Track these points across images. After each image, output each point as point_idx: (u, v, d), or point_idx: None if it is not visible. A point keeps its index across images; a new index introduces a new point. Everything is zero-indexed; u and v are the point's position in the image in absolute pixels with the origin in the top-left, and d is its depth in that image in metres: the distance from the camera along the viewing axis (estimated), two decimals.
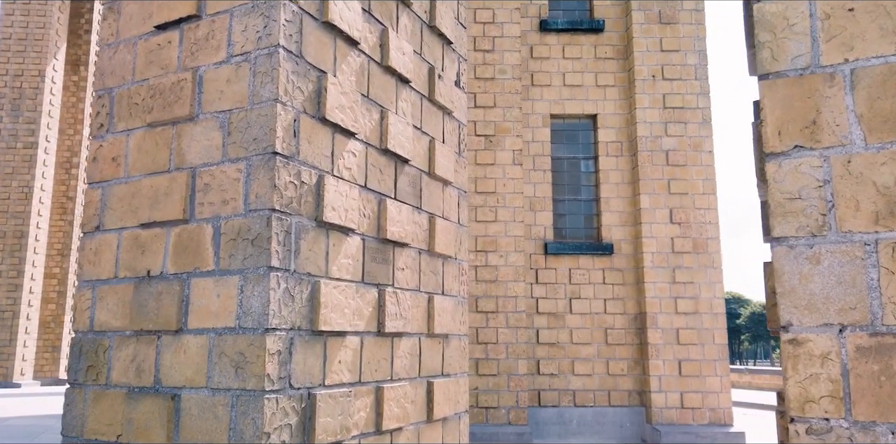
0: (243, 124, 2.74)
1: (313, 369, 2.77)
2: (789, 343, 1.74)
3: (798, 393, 1.73)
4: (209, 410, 2.58)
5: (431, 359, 3.73)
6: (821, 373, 1.71)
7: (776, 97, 1.84)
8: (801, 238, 1.77)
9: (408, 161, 3.62)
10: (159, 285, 2.80)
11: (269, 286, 2.55)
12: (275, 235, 2.61)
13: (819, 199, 1.77)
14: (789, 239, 1.77)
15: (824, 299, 1.73)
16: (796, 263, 1.76)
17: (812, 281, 1.74)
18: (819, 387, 1.71)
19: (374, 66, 3.41)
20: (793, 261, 1.76)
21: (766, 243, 3.80)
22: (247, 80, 2.77)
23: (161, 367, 2.73)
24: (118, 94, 3.14)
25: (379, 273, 3.29)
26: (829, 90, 1.80)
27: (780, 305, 1.76)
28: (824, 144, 1.79)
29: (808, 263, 1.75)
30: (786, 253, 1.77)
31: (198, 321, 2.68)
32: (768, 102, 1.85)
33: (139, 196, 2.94)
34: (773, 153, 1.83)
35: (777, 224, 1.79)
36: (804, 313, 1.74)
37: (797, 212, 1.77)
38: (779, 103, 1.84)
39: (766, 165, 1.84)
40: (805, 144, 1.80)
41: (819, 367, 1.71)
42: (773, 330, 2.74)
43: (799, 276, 1.75)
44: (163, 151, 2.93)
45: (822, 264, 1.74)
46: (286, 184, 2.69)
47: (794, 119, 1.82)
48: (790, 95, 1.83)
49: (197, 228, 2.77)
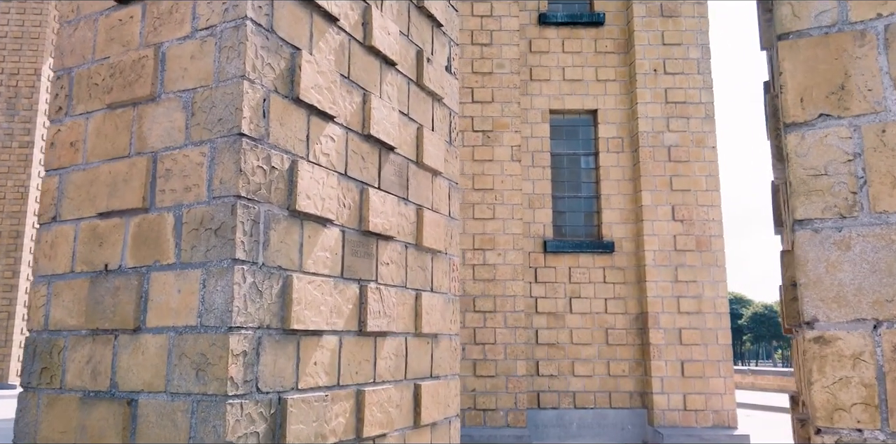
0: (208, 104, 2.51)
1: (284, 371, 2.53)
2: (815, 342, 1.50)
3: (825, 400, 1.49)
4: (168, 416, 2.34)
5: (419, 360, 3.50)
6: (852, 376, 1.47)
7: (798, 60, 1.61)
8: (827, 220, 1.53)
9: (393, 149, 3.39)
10: (116, 279, 2.56)
11: (233, 280, 2.32)
12: (240, 224, 2.37)
13: (848, 175, 1.53)
14: (814, 221, 1.54)
15: (855, 290, 1.49)
16: (822, 249, 1.52)
17: (841, 270, 1.50)
18: (850, 393, 1.47)
19: (355, 45, 3.18)
20: (818, 247, 1.52)
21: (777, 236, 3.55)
22: (212, 55, 2.54)
23: (118, 369, 2.50)
24: (78, 74, 2.91)
25: (361, 268, 3.06)
26: (859, 50, 1.56)
27: (804, 297, 1.52)
28: (854, 112, 1.55)
29: (836, 248, 1.51)
30: (810, 238, 1.53)
31: (157, 319, 2.45)
32: (788, 65, 1.61)
33: (97, 184, 2.71)
34: (795, 124, 1.59)
35: (800, 205, 1.55)
36: (832, 306, 1.50)
37: (823, 190, 1.54)
38: (801, 67, 1.60)
39: (786, 138, 1.60)
40: (832, 113, 1.57)
41: (850, 369, 1.47)
42: (789, 328, 2.50)
43: (826, 264, 1.51)
44: (123, 134, 2.70)
45: (853, 249, 1.50)
46: (254, 169, 2.46)
47: (818, 84, 1.58)
48: (814, 57, 1.60)
49: (157, 217, 2.53)
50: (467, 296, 9.69)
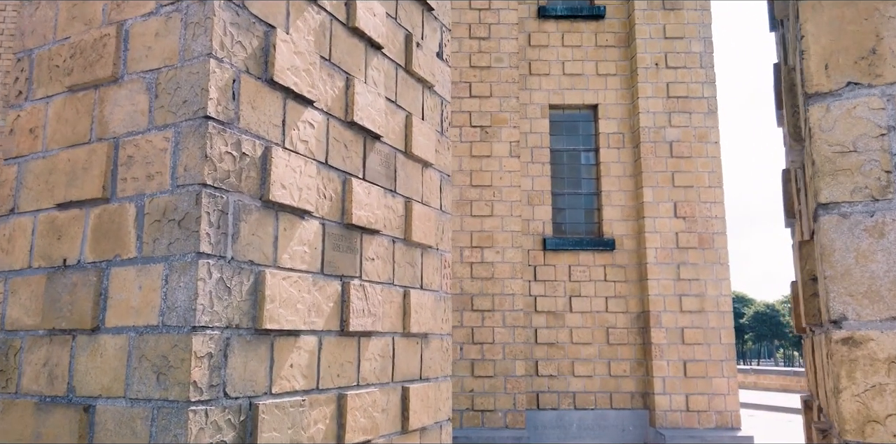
0: (172, 85, 2.31)
1: (256, 374, 2.34)
2: (843, 344, 1.30)
3: (856, 410, 1.29)
4: (126, 424, 2.15)
5: (407, 361, 3.30)
6: (887, 384, 1.27)
7: (822, 21, 1.41)
8: (857, 204, 1.33)
9: (379, 137, 3.19)
10: (74, 275, 2.37)
11: (197, 276, 2.12)
12: (205, 214, 2.18)
13: (881, 151, 1.33)
14: (841, 205, 1.34)
15: (891, 283, 1.29)
16: (852, 236, 1.32)
17: (873, 260, 1.31)
18: (885, 402, 1.27)
19: (337, 26, 2.98)
20: (847, 234, 1.32)
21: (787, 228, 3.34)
22: (178, 33, 2.34)
23: (75, 373, 2.30)
24: (38, 55, 2.72)
25: (343, 264, 2.86)
26: (892, 9, 1.36)
27: (830, 292, 1.32)
28: (887, 80, 1.35)
29: (867, 236, 1.31)
30: (837, 224, 1.33)
31: (117, 319, 2.25)
32: (811, 27, 1.41)
33: (56, 172, 2.51)
34: (819, 94, 1.39)
35: (825, 186, 1.35)
36: (863, 302, 1.30)
37: (852, 169, 1.34)
38: (825, 29, 1.40)
39: (808, 112, 1.40)
40: (861, 81, 1.37)
41: (885, 375, 1.28)
42: (803, 328, 2.30)
43: (856, 254, 1.31)
44: (84, 119, 2.51)
45: (887, 236, 1.30)
46: (221, 154, 2.26)
47: (846, 48, 1.38)
48: (840, 18, 1.40)
49: (118, 208, 2.34)
50: (465, 295, 9.49)
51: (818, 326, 1.78)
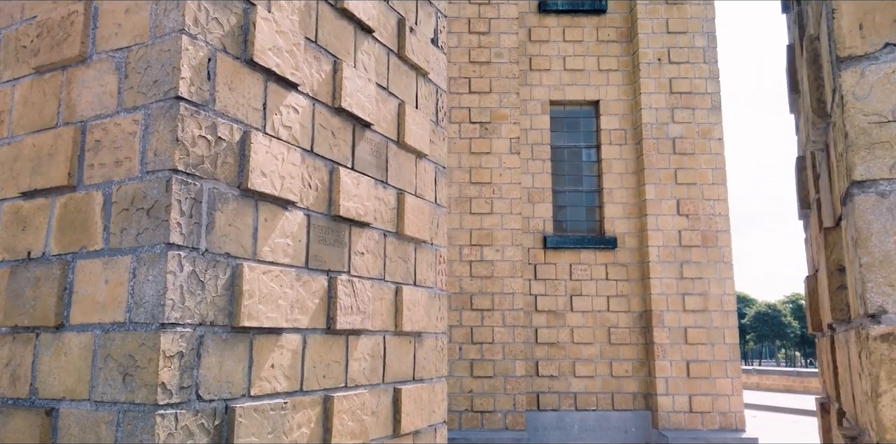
0: (143, 64, 2.15)
1: (233, 375, 2.17)
2: (882, 341, 1.14)
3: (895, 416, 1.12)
4: (91, 429, 1.99)
5: (399, 361, 3.14)
6: None
7: None
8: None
9: (370, 125, 3.03)
10: (38, 269, 2.21)
11: (166, 269, 1.96)
12: (176, 202, 2.02)
13: None
14: (880, 183, 1.17)
15: None
16: (892, 218, 1.15)
17: None
18: None
19: (324, 6, 2.82)
20: (886, 215, 1.16)
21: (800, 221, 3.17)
22: (149, 8, 2.18)
23: (38, 373, 2.14)
24: (5, 36, 2.56)
25: (330, 258, 2.70)
26: None
27: (867, 282, 1.15)
28: None
29: None
30: (875, 204, 1.17)
31: (82, 315, 2.09)
32: None
33: (21, 159, 2.35)
34: (853, 57, 1.22)
35: (860, 162, 1.19)
36: None
37: (892, 142, 1.17)
38: None
39: (840, 78, 1.24)
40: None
41: None
42: (817, 326, 2.13)
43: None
44: (51, 102, 2.34)
45: None
46: (195, 138, 2.10)
47: (883, 6, 1.21)
48: None
49: (85, 196, 2.18)
50: (464, 293, 9.33)
51: (845, 321, 1.61)
